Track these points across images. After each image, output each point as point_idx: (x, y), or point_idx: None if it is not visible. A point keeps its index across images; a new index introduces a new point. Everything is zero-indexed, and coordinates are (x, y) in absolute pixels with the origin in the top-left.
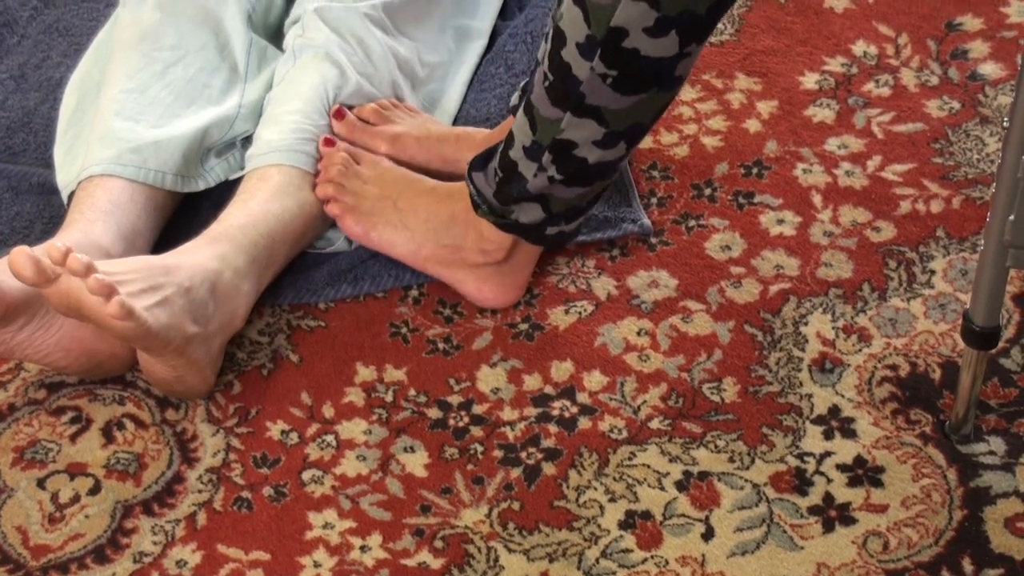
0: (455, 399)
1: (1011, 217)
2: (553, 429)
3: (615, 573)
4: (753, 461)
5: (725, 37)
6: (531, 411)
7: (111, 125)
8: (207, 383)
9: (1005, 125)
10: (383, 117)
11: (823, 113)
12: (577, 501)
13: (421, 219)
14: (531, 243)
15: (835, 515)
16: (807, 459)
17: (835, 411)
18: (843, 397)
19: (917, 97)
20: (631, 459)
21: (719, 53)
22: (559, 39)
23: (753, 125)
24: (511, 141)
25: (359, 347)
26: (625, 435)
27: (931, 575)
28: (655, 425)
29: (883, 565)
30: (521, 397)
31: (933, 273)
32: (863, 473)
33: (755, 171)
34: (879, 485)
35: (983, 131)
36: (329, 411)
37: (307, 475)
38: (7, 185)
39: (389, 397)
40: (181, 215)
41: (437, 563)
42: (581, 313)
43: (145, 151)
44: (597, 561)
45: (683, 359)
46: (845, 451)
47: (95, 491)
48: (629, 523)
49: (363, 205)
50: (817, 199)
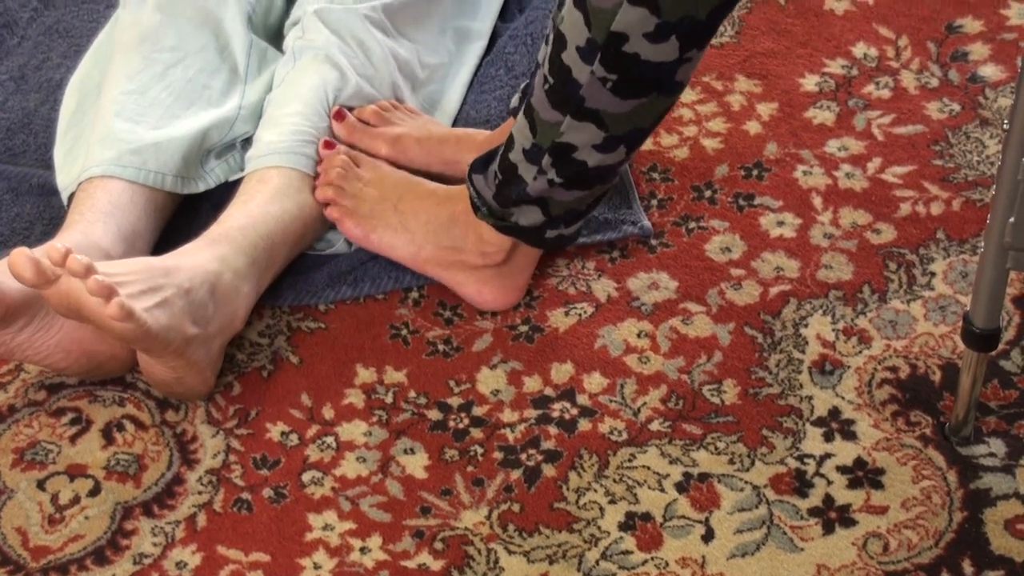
0: (455, 401)
1: (1011, 219)
2: (553, 431)
3: (615, 575)
4: (753, 463)
5: (725, 39)
6: (531, 413)
7: (111, 126)
8: (207, 384)
9: (1005, 127)
10: (383, 119)
11: (823, 115)
12: (577, 503)
13: (421, 221)
14: (530, 246)
15: (835, 517)
16: (807, 461)
17: (835, 413)
18: (843, 399)
19: (917, 99)
20: (631, 461)
21: (719, 55)
22: (559, 42)
23: (753, 127)
24: (511, 144)
25: (359, 349)
26: (625, 437)
27: None
28: (655, 427)
29: (883, 567)
30: (521, 399)
31: (933, 275)
32: (863, 475)
33: (755, 173)
34: (879, 487)
35: (983, 133)
36: (329, 413)
37: (307, 476)
38: (7, 186)
39: (389, 399)
40: (181, 216)
41: (437, 565)
42: (581, 315)
43: (145, 152)
44: (597, 563)
45: (683, 361)
46: (845, 453)
47: (95, 492)
48: (629, 525)
49: (363, 208)
50: (817, 201)
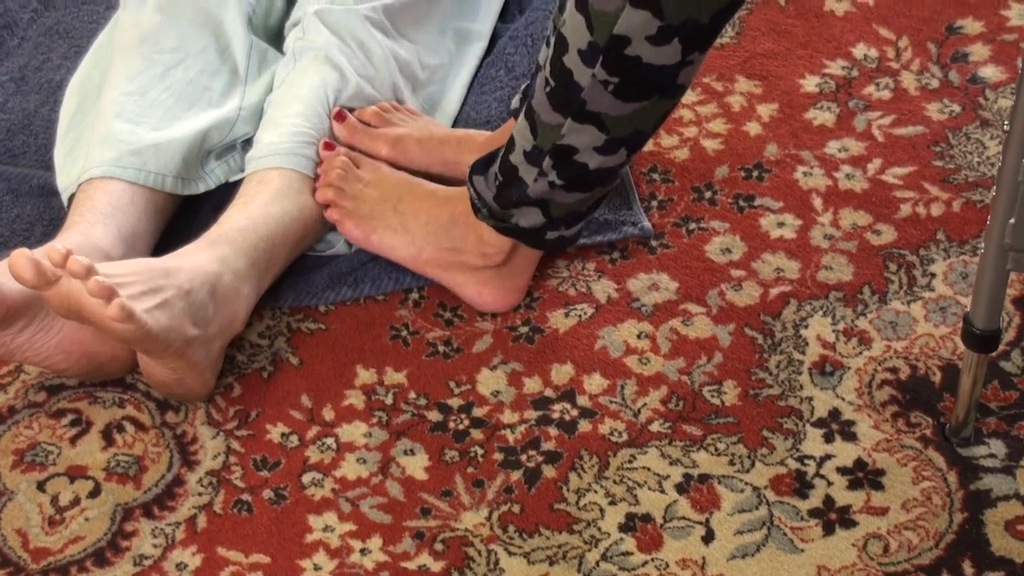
0: (455, 402)
1: (1011, 220)
2: (553, 432)
3: None
4: (753, 464)
5: (725, 40)
6: (531, 414)
7: (111, 127)
8: (207, 386)
9: (1005, 128)
10: (384, 120)
11: (823, 116)
12: (577, 504)
13: (421, 222)
14: (531, 247)
15: (835, 518)
16: (807, 462)
17: (835, 414)
18: (843, 400)
19: (917, 100)
20: (631, 462)
21: (719, 56)
22: (561, 45)
23: (753, 128)
24: (512, 145)
25: (359, 350)
26: (625, 438)
27: None
28: (655, 428)
29: (883, 568)
30: (521, 400)
31: (933, 276)
32: (863, 476)
33: (755, 174)
34: (879, 488)
35: (983, 134)
36: (329, 414)
37: (307, 478)
38: (7, 187)
39: (389, 400)
40: (181, 218)
41: (437, 566)
42: (581, 316)
43: (145, 153)
44: (597, 564)
45: (683, 362)
46: (845, 454)
47: (95, 494)
48: (629, 526)
49: (362, 209)
50: (817, 202)
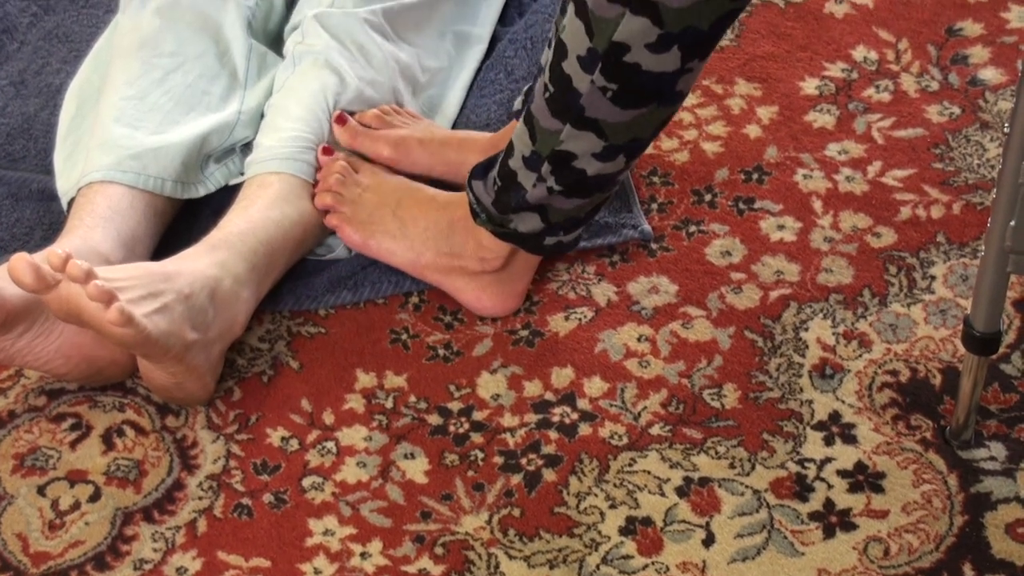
0: (455, 405)
1: (1012, 223)
2: (553, 435)
3: None
4: (754, 467)
5: (725, 42)
6: (531, 417)
7: (111, 132)
8: (207, 390)
9: (1005, 130)
10: (385, 122)
11: (823, 118)
12: (578, 507)
13: (420, 227)
14: (529, 252)
15: (836, 521)
16: (808, 465)
17: (836, 417)
18: (843, 403)
19: (917, 102)
20: (631, 465)
21: (719, 58)
22: (560, 51)
23: (753, 131)
24: (511, 151)
25: (359, 353)
26: (626, 441)
27: None
28: (655, 431)
29: (884, 571)
30: (521, 403)
31: (933, 279)
32: (864, 479)
33: (755, 177)
34: (880, 491)
35: (983, 136)
36: (329, 418)
37: (307, 482)
38: (7, 191)
39: (389, 403)
40: (181, 221)
41: (437, 570)
42: (581, 319)
43: (145, 157)
44: (598, 567)
45: (683, 365)
46: (846, 457)
47: (95, 498)
48: (630, 529)
49: (361, 214)
50: (817, 205)
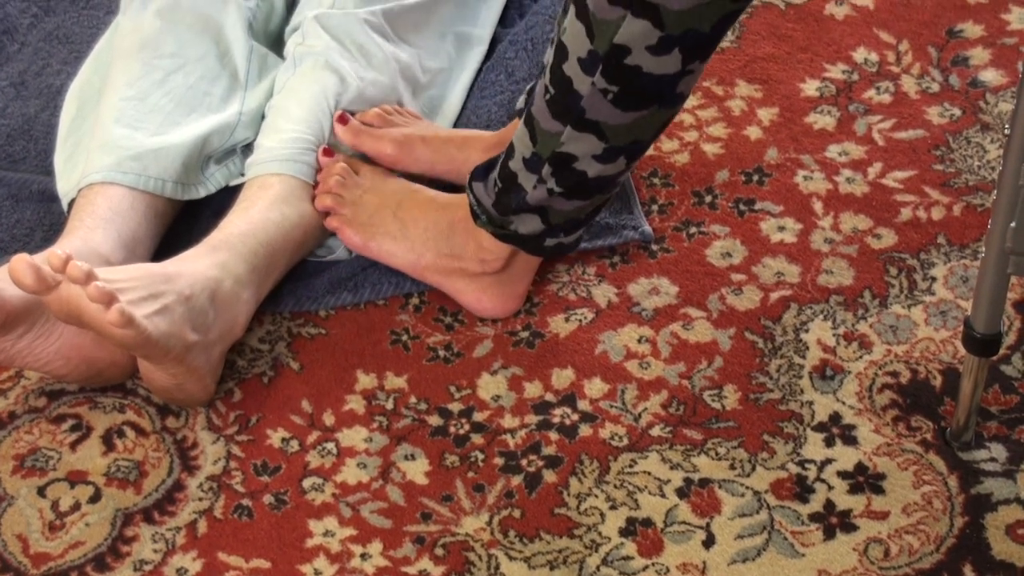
0: (456, 406)
1: (1012, 224)
2: (554, 436)
3: None
4: (754, 468)
5: (726, 44)
6: (532, 418)
7: (111, 133)
8: (207, 391)
9: (1006, 132)
10: (387, 121)
11: (824, 120)
12: (578, 508)
13: (420, 229)
14: (530, 254)
15: (836, 522)
16: (808, 466)
17: (836, 418)
18: (844, 404)
19: (918, 104)
20: (632, 466)
21: (720, 60)
22: (561, 53)
23: (754, 132)
24: (511, 152)
25: (360, 355)
26: (626, 442)
27: None
28: (656, 432)
29: (884, 572)
30: (522, 404)
31: (934, 280)
32: (864, 480)
33: (756, 178)
34: (880, 492)
35: (984, 138)
36: (330, 419)
37: (308, 483)
38: (7, 192)
39: (390, 405)
40: (181, 222)
41: (438, 571)
42: (582, 320)
43: (145, 159)
44: (598, 569)
45: (684, 366)
46: (846, 458)
47: (95, 499)
48: (630, 530)
49: (361, 216)
50: (818, 206)
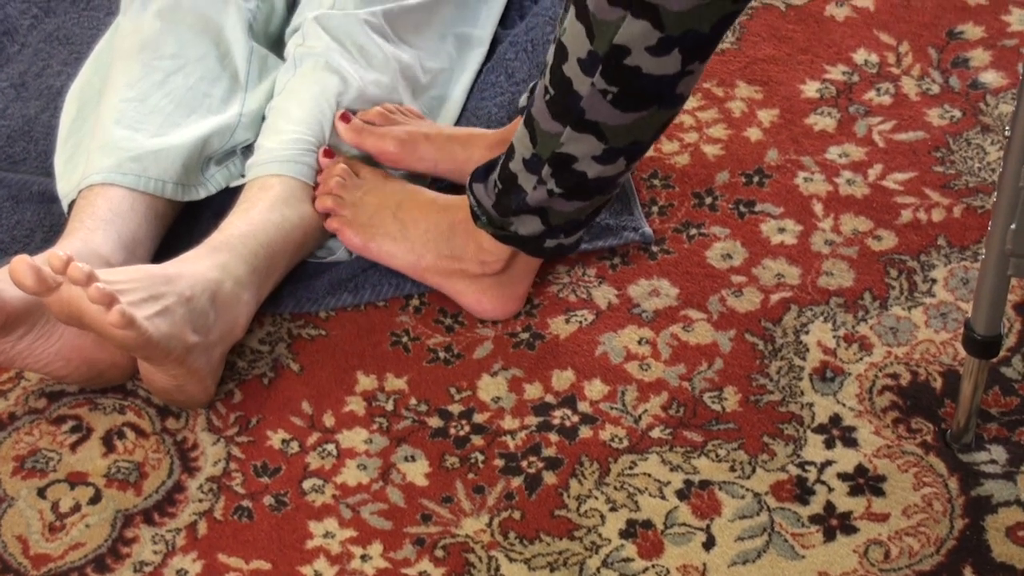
0: (456, 408)
1: (1012, 226)
2: (554, 438)
3: None
4: (754, 470)
5: (726, 45)
6: (532, 420)
7: (111, 134)
8: (208, 392)
9: (1006, 134)
10: (389, 119)
11: (824, 121)
12: (578, 510)
13: (421, 230)
14: (530, 255)
15: (836, 524)
16: (808, 468)
17: (836, 420)
18: (844, 406)
19: (918, 105)
20: (632, 468)
21: (720, 61)
22: (561, 53)
23: (754, 133)
24: (512, 153)
25: (360, 356)
26: (626, 444)
27: None
28: (656, 434)
29: (884, 574)
30: (522, 406)
31: (934, 282)
32: (864, 482)
33: (756, 180)
34: (880, 494)
35: (984, 140)
36: (330, 420)
37: (308, 484)
38: (7, 194)
39: (390, 406)
40: (182, 224)
41: (438, 572)
42: (582, 322)
43: (145, 160)
44: (598, 570)
45: (684, 368)
46: (846, 460)
47: (95, 500)
48: (630, 532)
49: (361, 217)
50: (818, 208)
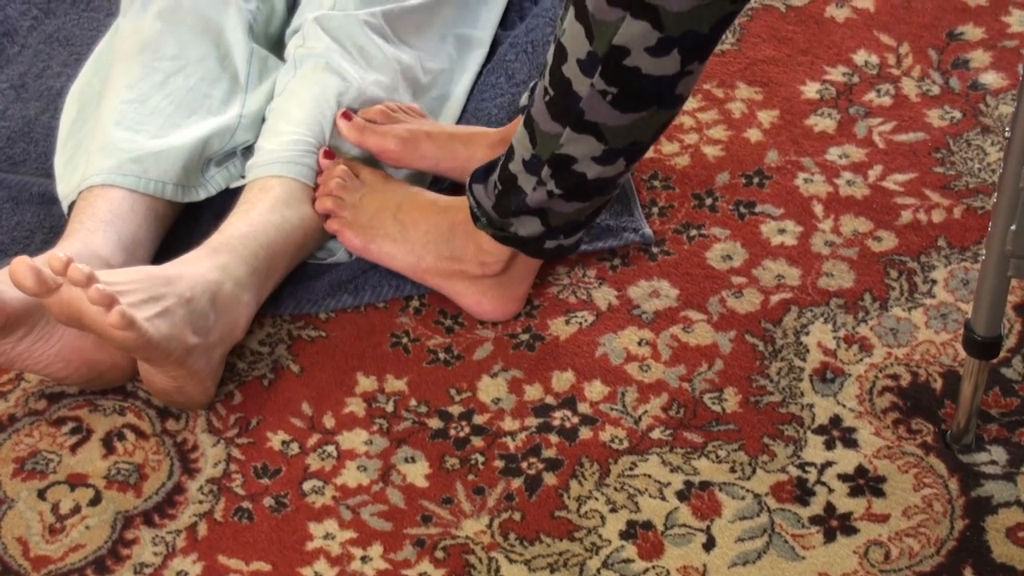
0: (456, 409)
1: (1012, 227)
2: (554, 439)
3: None
4: (754, 471)
5: (726, 46)
6: (532, 421)
7: (111, 135)
8: (208, 394)
9: (1006, 135)
10: (391, 118)
11: (824, 122)
12: (578, 511)
13: (421, 231)
14: (530, 256)
15: (836, 525)
16: (808, 469)
17: (836, 421)
18: (844, 407)
19: (918, 106)
20: (632, 469)
21: (720, 62)
22: (560, 54)
23: (754, 135)
24: (511, 154)
25: (360, 357)
26: (626, 445)
27: None
28: (656, 435)
29: (884, 575)
30: (522, 407)
31: (934, 283)
32: (864, 483)
33: (756, 181)
34: (880, 495)
35: (984, 141)
36: (330, 421)
37: (308, 485)
38: (7, 195)
39: (390, 407)
40: (182, 225)
41: (438, 573)
42: (582, 323)
43: (145, 161)
44: (598, 571)
45: (684, 369)
46: (846, 461)
47: (96, 502)
48: (630, 533)
49: (361, 218)
50: (818, 209)
